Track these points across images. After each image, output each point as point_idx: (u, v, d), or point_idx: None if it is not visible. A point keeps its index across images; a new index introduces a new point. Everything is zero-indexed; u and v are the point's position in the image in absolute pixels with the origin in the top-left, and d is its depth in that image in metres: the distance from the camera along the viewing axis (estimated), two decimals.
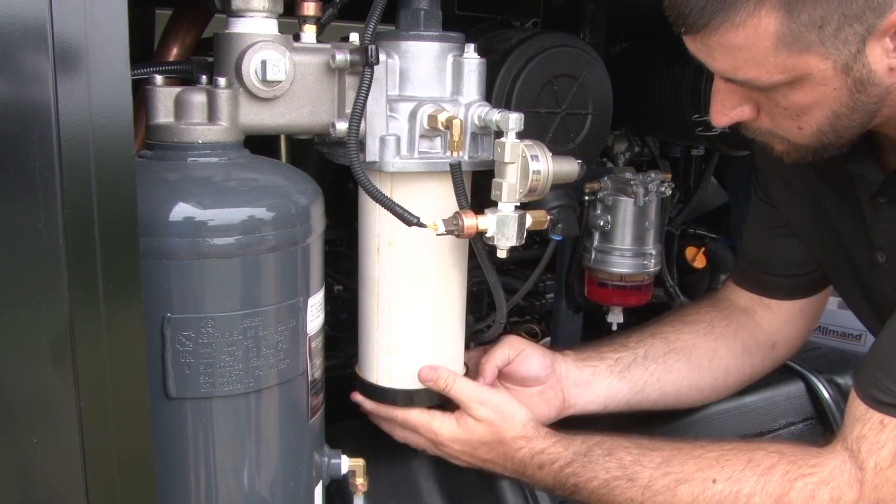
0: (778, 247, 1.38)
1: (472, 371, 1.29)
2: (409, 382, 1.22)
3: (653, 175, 1.53)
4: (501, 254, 1.12)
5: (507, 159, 1.07)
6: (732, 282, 1.47)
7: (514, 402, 1.23)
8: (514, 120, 1.07)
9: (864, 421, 1.02)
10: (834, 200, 1.26)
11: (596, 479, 1.14)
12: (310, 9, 1.04)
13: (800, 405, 1.67)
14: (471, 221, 1.08)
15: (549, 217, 1.19)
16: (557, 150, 1.17)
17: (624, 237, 1.55)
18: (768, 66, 0.93)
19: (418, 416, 1.22)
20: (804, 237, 1.34)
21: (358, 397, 1.26)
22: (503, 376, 1.30)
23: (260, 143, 1.08)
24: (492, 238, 1.11)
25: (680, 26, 0.96)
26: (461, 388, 1.20)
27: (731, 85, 1.01)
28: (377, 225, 1.15)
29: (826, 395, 1.69)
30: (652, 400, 1.37)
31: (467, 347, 1.34)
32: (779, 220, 1.37)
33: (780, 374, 1.63)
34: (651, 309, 1.76)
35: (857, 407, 1.04)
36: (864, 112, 0.98)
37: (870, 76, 0.94)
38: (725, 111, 1.05)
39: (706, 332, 1.40)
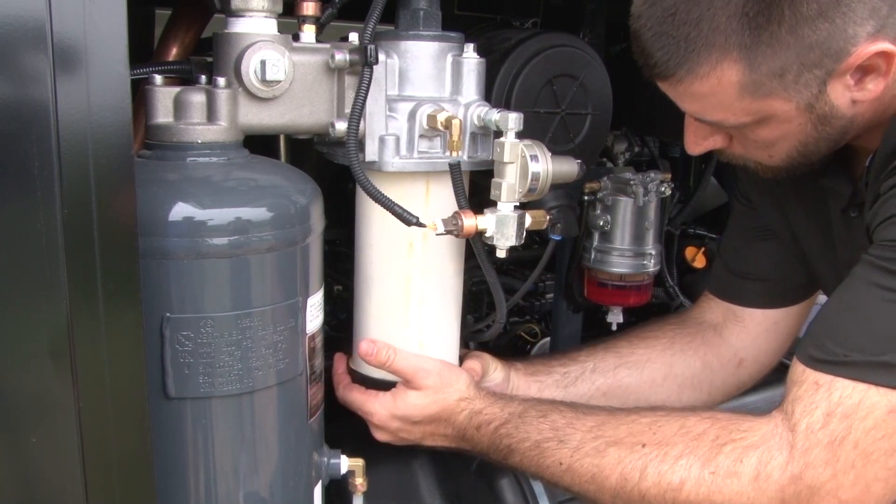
0: (755, 250, 1.37)
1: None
2: None
3: (652, 175, 1.53)
4: (501, 253, 1.12)
5: (506, 159, 1.07)
6: (708, 292, 1.46)
7: (454, 367, 1.23)
8: (514, 120, 1.07)
9: (800, 383, 0.99)
10: (801, 216, 1.26)
11: (528, 440, 1.13)
12: (309, 9, 1.04)
13: None
14: (470, 221, 1.09)
15: (548, 217, 1.19)
16: (557, 150, 1.17)
17: (623, 237, 1.55)
18: (734, 109, 0.98)
19: (354, 397, 1.22)
20: (784, 241, 1.34)
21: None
22: None
23: (259, 143, 1.08)
24: (491, 238, 1.11)
25: (648, 73, 1.00)
26: (405, 360, 1.19)
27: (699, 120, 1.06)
28: None
29: None
30: None
31: (466, 346, 1.34)
32: (757, 222, 1.36)
33: (779, 373, 1.63)
34: (651, 309, 1.76)
35: (795, 369, 1.02)
36: (829, 140, 1.03)
37: (833, 111, 0.98)
38: (699, 141, 1.10)
39: (665, 347, 1.39)
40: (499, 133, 1.10)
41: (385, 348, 1.18)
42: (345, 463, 1.14)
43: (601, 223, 1.54)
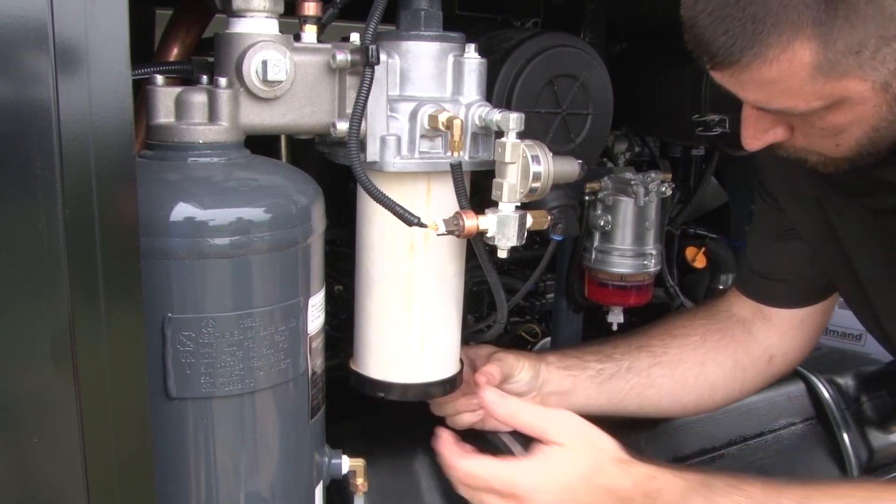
0: (780, 251, 1.36)
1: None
2: (440, 374, 1.22)
3: (653, 175, 1.53)
4: (502, 254, 1.12)
5: (507, 159, 1.07)
6: (736, 289, 1.44)
7: (591, 425, 1.08)
8: (515, 120, 1.07)
9: None
10: (842, 210, 1.22)
11: None
12: (310, 9, 1.04)
13: (800, 405, 1.67)
14: (471, 221, 1.08)
15: (549, 217, 1.19)
16: (558, 151, 1.17)
17: (624, 237, 1.55)
18: (805, 94, 0.91)
19: (485, 468, 1.05)
20: (809, 242, 1.32)
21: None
22: None
23: (260, 143, 1.08)
24: (492, 238, 1.11)
25: (706, 63, 0.92)
26: (531, 413, 1.06)
27: (762, 110, 0.99)
28: None
29: (826, 395, 1.69)
30: (630, 411, 1.36)
31: (465, 344, 1.34)
32: (782, 223, 1.35)
33: None
34: (651, 309, 1.76)
35: None
36: None
37: None
38: (758, 135, 1.01)
39: (696, 345, 1.38)
40: (500, 133, 1.10)
41: (514, 402, 1.10)
42: (346, 463, 1.14)
43: (602, 223, 1.54)
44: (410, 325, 1.19)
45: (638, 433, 1.44)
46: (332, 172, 1.33)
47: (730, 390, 1.40)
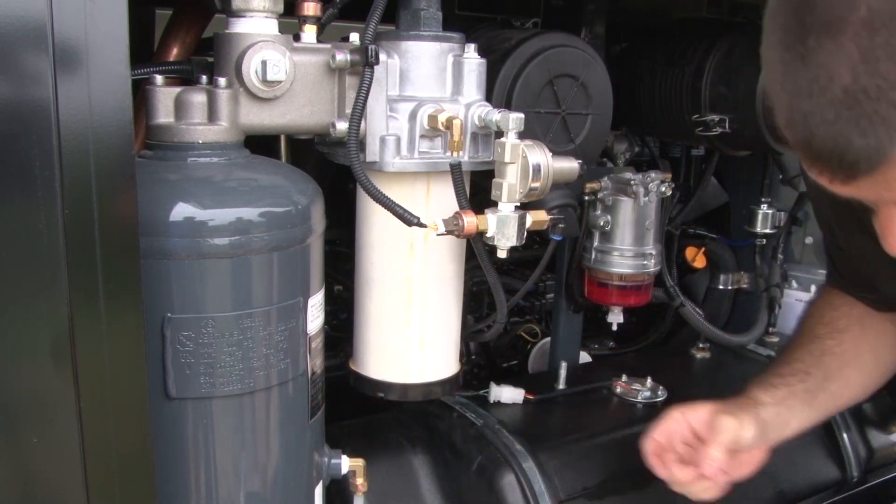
0: (872, 275, 1.32)
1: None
2: (440, 374, 1.23)
3: (653, 175, 1.53)
4: (501, 254, 1.12)
5: (507, 159, 1.07)
6: (839, 291, 1.40)
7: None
8: (515, 120, 1.07)
9: None
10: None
11: None
12: (310, 9, 1.04)
13: None
14: (471, 221, 1.08)
15: (549, 217, 1.19)
16: (558, 151, 1.17)
17: (624, 237, 1.55)
18: None
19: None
20: (860, 255, 1.28)
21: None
22: None
23: (260, 143, 1.08)
24: (492, 238, 1.11)
25: (837, 178, 0.78)
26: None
27: None
28: None
29: None
30: (830, 413, 1.38)
31: (467, 346, 1.34)
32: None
33: None
34: (651, 309, 1.75)
35: None
36: None
37: None
38: None
39: (862, 335, 1.38)
40: (499, 133, 1.10)
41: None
42: (345, 463, 1.14)
43: (602, 223, 1.54)
44: (410, 325, 1.19)
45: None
46: (332, 172, 1.33)
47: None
